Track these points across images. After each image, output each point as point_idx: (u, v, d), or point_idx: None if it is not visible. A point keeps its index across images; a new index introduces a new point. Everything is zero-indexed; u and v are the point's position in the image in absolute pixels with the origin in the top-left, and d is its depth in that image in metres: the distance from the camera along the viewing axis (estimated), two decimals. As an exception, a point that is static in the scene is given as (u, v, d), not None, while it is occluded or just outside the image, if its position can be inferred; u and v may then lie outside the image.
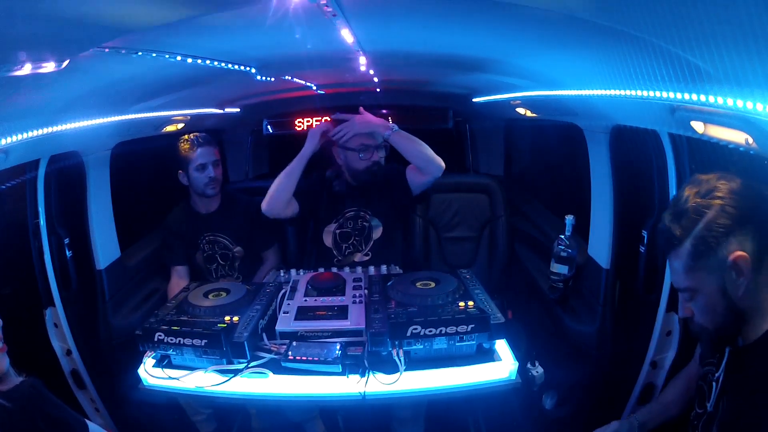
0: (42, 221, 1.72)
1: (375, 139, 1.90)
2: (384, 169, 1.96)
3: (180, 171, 2.00)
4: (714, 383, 0.96)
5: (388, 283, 1.49)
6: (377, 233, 1.98)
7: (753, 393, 0.86)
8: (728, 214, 0.84)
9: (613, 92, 1.09)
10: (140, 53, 1.02)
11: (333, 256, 1.98)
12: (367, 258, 1.95)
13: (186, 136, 2.00)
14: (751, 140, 0.78)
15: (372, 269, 1.75)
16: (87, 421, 1.08)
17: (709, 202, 0.85)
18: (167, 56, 1.11)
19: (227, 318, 1.33)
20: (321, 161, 2.02)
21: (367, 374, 1.22)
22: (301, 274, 1.69)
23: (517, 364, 1.26)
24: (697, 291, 0.89)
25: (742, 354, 0.92)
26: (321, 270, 1.73)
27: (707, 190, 0.86)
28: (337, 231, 1.99)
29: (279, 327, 1.34)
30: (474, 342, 1.26)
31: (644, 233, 1.48)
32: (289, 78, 2.04)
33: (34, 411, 0.94)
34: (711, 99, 0.78)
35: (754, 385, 0.87)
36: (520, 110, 2.13)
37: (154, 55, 1.06)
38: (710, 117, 0.85)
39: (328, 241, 1.99)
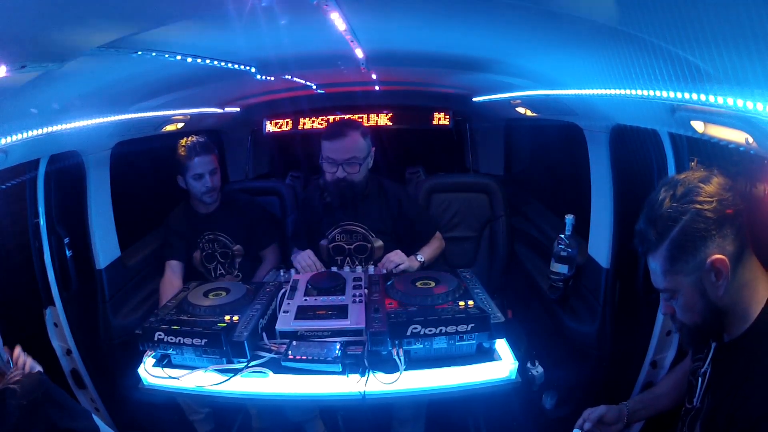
0: (42, 221, 1.72)
1: (342, 153, 1.77)
2: (365, 187, 1.87)
3: (179, 175, 2.00)
4: (701, 378, 0.97)
5: (388, 283, 1.49)
6: (379, 252, 1.90)
7: (734, 388, 0.87)
8: (705, 218, 0.83)
9: (613, 92, 1.09)
10: (140, 53, 1.02)
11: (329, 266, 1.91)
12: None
13: (184, 141, 1.98)
14: (751, 140, 0.78)
15: (372, 269, 1.75)
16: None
17: (686, 207, 0.84)
18: (167, 56, 1.11)
19: (227, 317, 1.33)
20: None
21: (367, 374, 1.22)
22: (301, 273, 1.69)
23: (517, 363, 1.26)
24: (676, 292, 0.90)
25: (727, 350, 0.92)
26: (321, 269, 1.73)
27: (683, 192, 0.85)
28: (330, 246, 1.92)
29: (279, 326, 1.34)
30: (474, 341, 1.25)
31: (644, 233, 1.48)
32: (289, 77, 2.04)
33: (44, 398, 0.99)
34: (711, 99, 0.78)
35: (735, 380, 0.87)
36: (520, 110, 2.13)
37: (154, 54, 1.06)
38: (710, 117, 0.85)
39: (323, 256, 1.92)
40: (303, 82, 2.30)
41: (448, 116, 3.16)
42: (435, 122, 3.18)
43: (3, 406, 0.94)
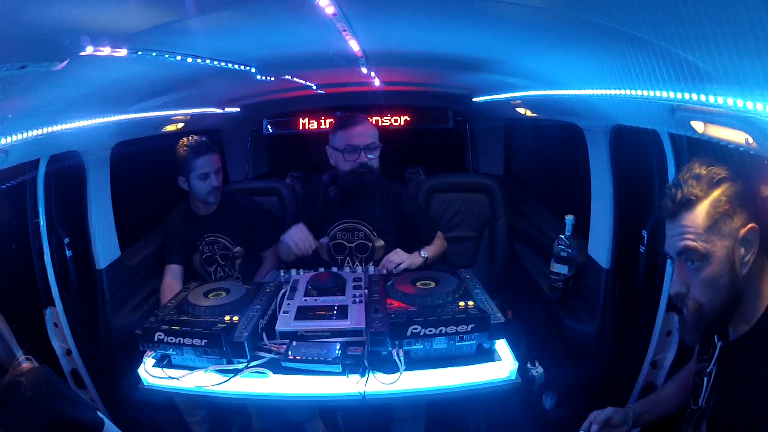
0: (42, 221, 1.71)
1: (363, 138, 1.81)
2: (378, 178, 1.88)
3: (180, 176, 1.99)
4: (706, 378, 0.97)
5: (388, 283, 1.49)
6: (380, 252, 1.89)
7: (739, 386, 0.87)
8: (743, 187, 0.85)
9: (613, 92, 1.09)
10: (140, 53, 1.02)
11: (329, 266, 1.92)
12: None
13: (185, 141, 1.97)
14: (751, 140, 0.78)
15: (372, 269, 1.75)
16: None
17: (721, 177, 0.86)
18: (167, 56, 1.11)
19: (227, 318, 1.33)
20: (324, 164, 1.98)
21: (367, 374, 1.22)
22: (301, 273, 1.69)
23: (517, 364, 1.26)
24: (707, 258, 0.86)
25: (732, 348, 0.92)
26: (321, 270, 1.73)
27: (711, 169, 0.87)
28: (331, 243, 1.92)
29: (279, 327, 1.34)
30: (474, 342, 1.26)
31: (644, 233, 1.48)
32: (289, 77, 2.04)
33: (49, 390, 1.02)
34: (711, 99, 0.78)
35: (739, 378, 0.87)
36: (520, 110, 2.13)
37: (154, 54, 1.06)
38: (710, 117, 0.85)
39: (323, 254, 1.92)
40: (303, 82, 2.30)
41: (448, 116, 3.16)
42: (435, 122, 3.18)
43: (10, 398, 0.96)
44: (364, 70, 1.85)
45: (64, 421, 1.01)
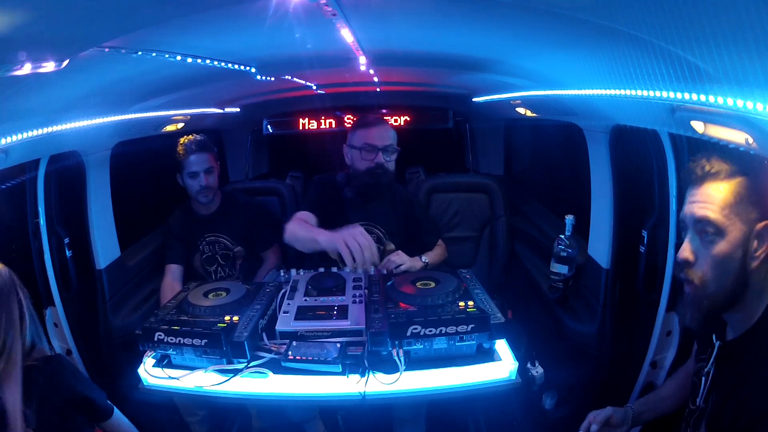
0: (42, 221, 1.72)
1: (382, 140, 1.80)
2: (392, 181, 1.88)
3: (177, 174, 2.01)
4: (704, 378, 0.97)
5: (389, 283, 1.49)
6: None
7: (738, 386, 0.87)
8: (757, 184, 0.85)
9: (613, 92, 1.09)
10: (140, 53, 1.02)
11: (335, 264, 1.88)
12: None
13: (182, 139, 1.99)
14: (751, 140, 0.78)
15: (372, 269, 1.75)
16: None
17: (742, 170, 0.86)
18: (167, 56, 1.11)
19: (227, 318, 1.33)
20: (330, 163, 1.97)
21: (367, 374, 1.22)
22: (301, 273, 1.69)
23: (517, 364, 1.26)
24: (723, 233, 0.85)
25: (730, 348, 0.92)
26: (321, 270, 1.72)
27: (733, 161, 0.87)
28: None
29: (279, 327, 1.34)
30: (474, 342, 1.25)
31: (644, 233, 1.48)
32: (289, 78, 2.04)
33: (67, 373, 1.16)
34: (711, 99, 0.78)
35: (739, 378, 0.87)
36: (520, 110, 2.13)
37: (154, 54, 1.06)
38: (710, 117, 0.85)
39: (332, 253, 1.87)
40: (303, 82, 2.30)
41: (448, 116, 3.16)
42: (435, 122, 3.19)
43: (31, 377, 1.09)
44: (364, 70, 1.84)
45: (79, 399, 1.17)
